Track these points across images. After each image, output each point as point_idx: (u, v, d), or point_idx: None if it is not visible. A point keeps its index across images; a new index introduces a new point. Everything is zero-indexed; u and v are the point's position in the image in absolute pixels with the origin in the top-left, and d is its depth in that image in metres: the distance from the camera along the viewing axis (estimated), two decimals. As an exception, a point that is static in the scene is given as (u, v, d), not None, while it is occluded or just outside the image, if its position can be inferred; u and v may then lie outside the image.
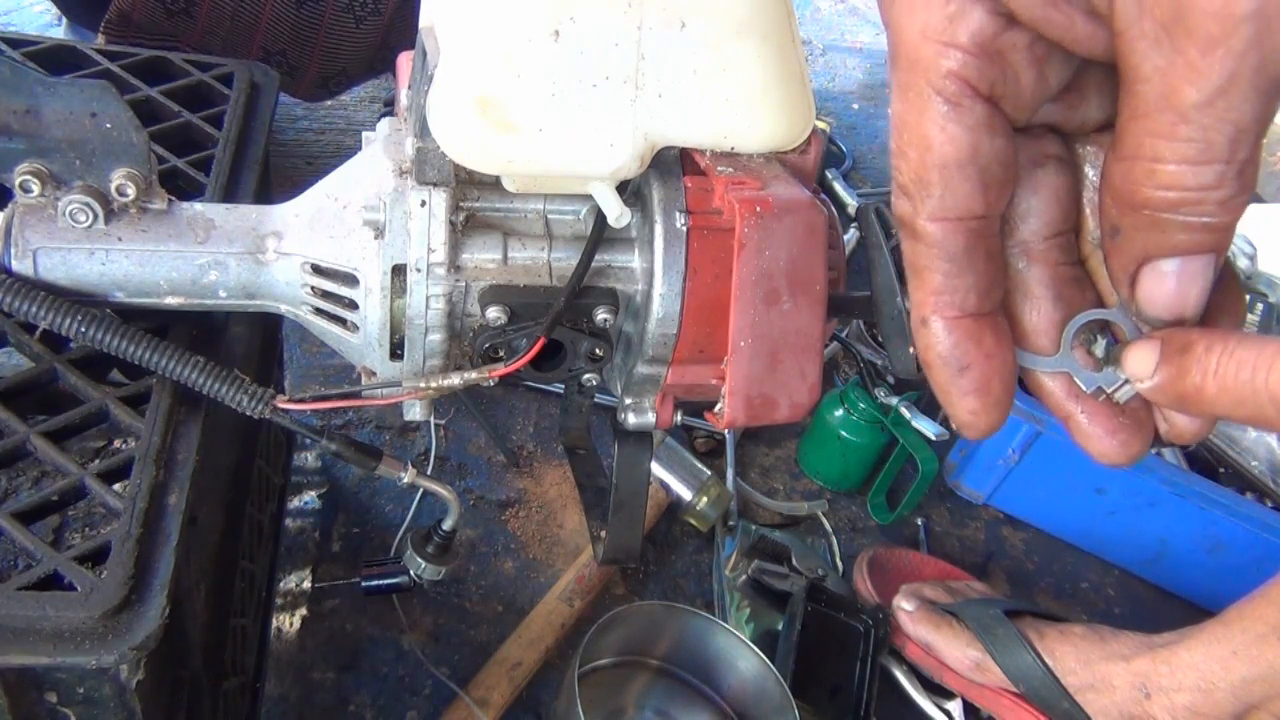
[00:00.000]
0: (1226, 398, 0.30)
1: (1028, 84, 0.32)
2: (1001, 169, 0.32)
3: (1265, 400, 0.28)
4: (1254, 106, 0.27)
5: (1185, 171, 0.28)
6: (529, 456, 1.25)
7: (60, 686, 0.50)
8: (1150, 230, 0.30)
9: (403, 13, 1.37)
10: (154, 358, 0.56)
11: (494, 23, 0.48)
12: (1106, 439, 0.35)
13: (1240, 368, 0.29)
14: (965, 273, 0.33)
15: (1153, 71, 0.27)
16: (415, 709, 0.98)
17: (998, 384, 0.34)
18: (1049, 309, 0.35)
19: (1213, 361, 0.30)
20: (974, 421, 0.34)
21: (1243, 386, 0.29)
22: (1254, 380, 0.29)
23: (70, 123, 0.55)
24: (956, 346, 0.33)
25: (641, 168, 0.52)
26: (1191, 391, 0.30)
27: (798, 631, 1.03)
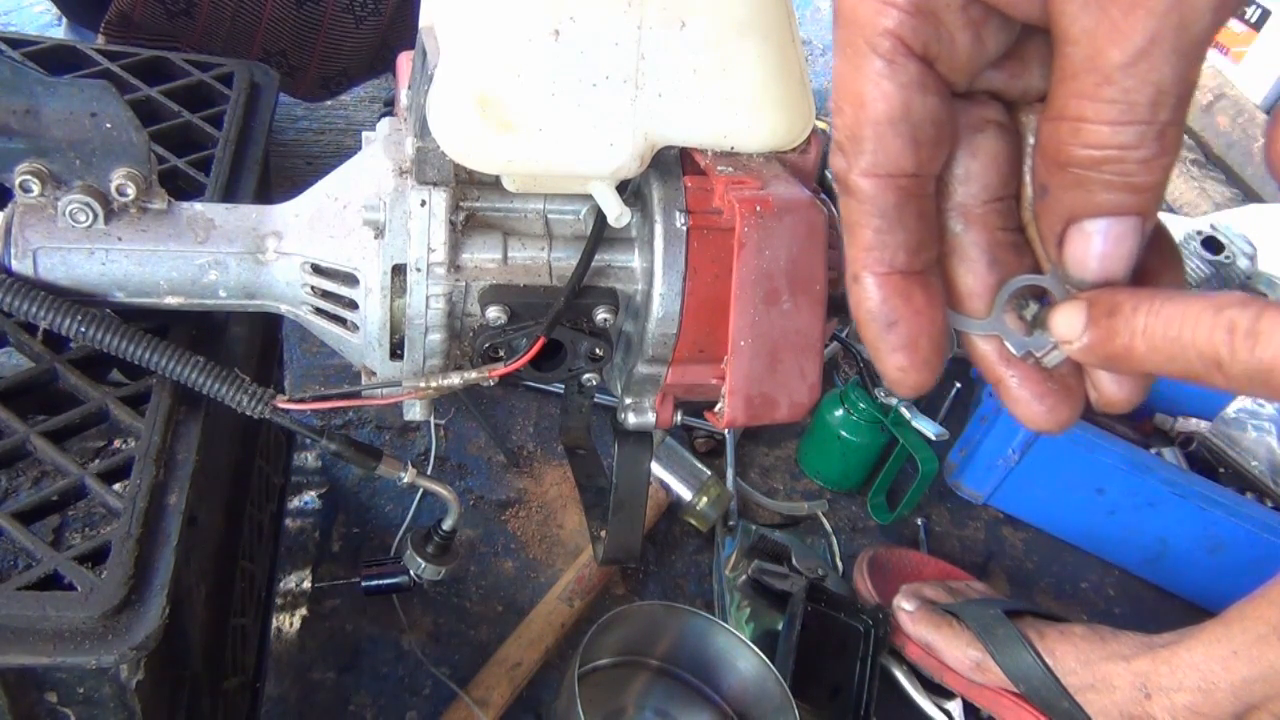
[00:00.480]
0: (1157, 356, 0.30)
1: (963, 46, 0.32)
2: (934, 128, 0.32)
3: (1193, 356, 0.29)
4: (1175, 68, 0.28)
5: (1107, 131, 0.29)
6: (529, 456, 1.25)
7: (60, 686, 0.50)
8: (1075, 189, 0.30)
9: (403, 13, 1.37)
10: (154, 358, 0.56)
11: (494, 22, 0.48)
12: (1034, 403, 0.35)
13: (1168, 325, 0.29)
14: (896, 229, 0.33)
15: (1080, 33, 0.28)
16: (415, 709, 0.98)
17: (925, 341, 0.34)
18: (984, 272, 0.35)
19: (1140, 320, 0.30)
20: (902, 379, 0.35)
21: (1171, 344, 0.29)
22: (1181, 336, 0.29)
23: (70, 123, 0.55)
24: (885, 302, 0.34)
25: (641, 167, 0.52)
26: (1121, 351, 0.31)
27: (798, 631, 1.03)
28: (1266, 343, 0.27)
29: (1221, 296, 0.29)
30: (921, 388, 0.35)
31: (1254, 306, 0.28)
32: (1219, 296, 0.29)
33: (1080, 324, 0.32)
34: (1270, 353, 0.27)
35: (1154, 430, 1.48)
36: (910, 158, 0.32)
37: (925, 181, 0.33)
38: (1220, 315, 0.28)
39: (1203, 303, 0.29)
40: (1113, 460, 1.26)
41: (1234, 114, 2.32)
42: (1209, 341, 0.28)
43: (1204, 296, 0.29)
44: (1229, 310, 0.28)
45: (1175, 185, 2.21)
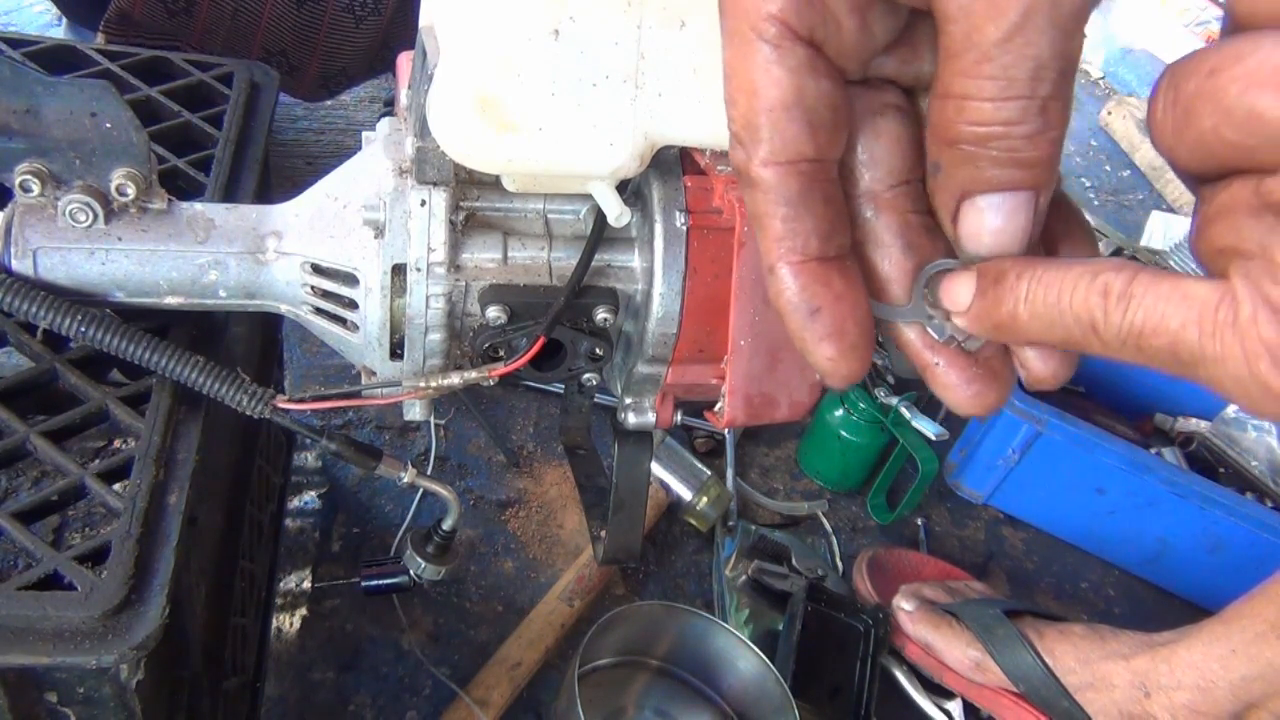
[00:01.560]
0: (1038, 323, 0.30)
1: (850, 31, 0.32)
2: (830, 112, 0.32)
3: (1071, 321, 0.29)
4: (1052, 42, 0.28)
5: (989, 107, 0.29)
6: (529, 456, 1.25)
7: (60, 686, 0.50)
8: (965, 166, 0.30)
9: (403, 13, 1.37)
10: (154, 358, 0.56)
11: (494, 22, 0.48)
12: (962, 388, 0.35)
13: (1048, 290, 0.29)
14: (804, 217, 0.33)
15: (957, 10, 0.28)
16: (415, 709, 0.98)
17: (852, 326, 0.33)
18: (899, 257, 0.35)
19: (1023, 287, 0.30)
20: (834, 369, 0.34)
21: (1050, 310, 0.29)
22: (1059, 302, 0.29)
23: (70, 123, 0.55)
24: (804, 290, 0.33)
25: (641, 167, 0.52)
26: (1006, 319, 0.31)
27: (798, 631, 1.03)
28: (1137, 305, 0.27)
29: (1099, 262, 0.29)
30: (853, 376, 0.34)
31: (1128, 270, 0.28)
32: (1097, 262, 0.29)
33: (968, 293, 0.32)
34: (1141, 315, 0.27)
35: (1154, 430, 1.48)
36: (808, 143, 0.32)
37: (827, 167, 0.33)
38: (1096, 280, 0.28)
39: (1081, 268, 0.29)
40: (1113, 460, 1.26)
41: (1234, 114, 2.32)
42: (1085, 305, 0.28)
43: (1084, 262, 0.29)
44: (1104, 274, 0.28)
45: (1175, 185, 2.21)
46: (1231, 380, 0.26)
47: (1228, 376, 0.26)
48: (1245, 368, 0.25)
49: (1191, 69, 0.26)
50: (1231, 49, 0.25)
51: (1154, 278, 0.27)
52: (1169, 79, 0.27)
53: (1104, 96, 2.58)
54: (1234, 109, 0.25)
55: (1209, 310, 0.26)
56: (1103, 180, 2.26)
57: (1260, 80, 0.24)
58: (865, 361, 0.34)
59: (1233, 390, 0.26)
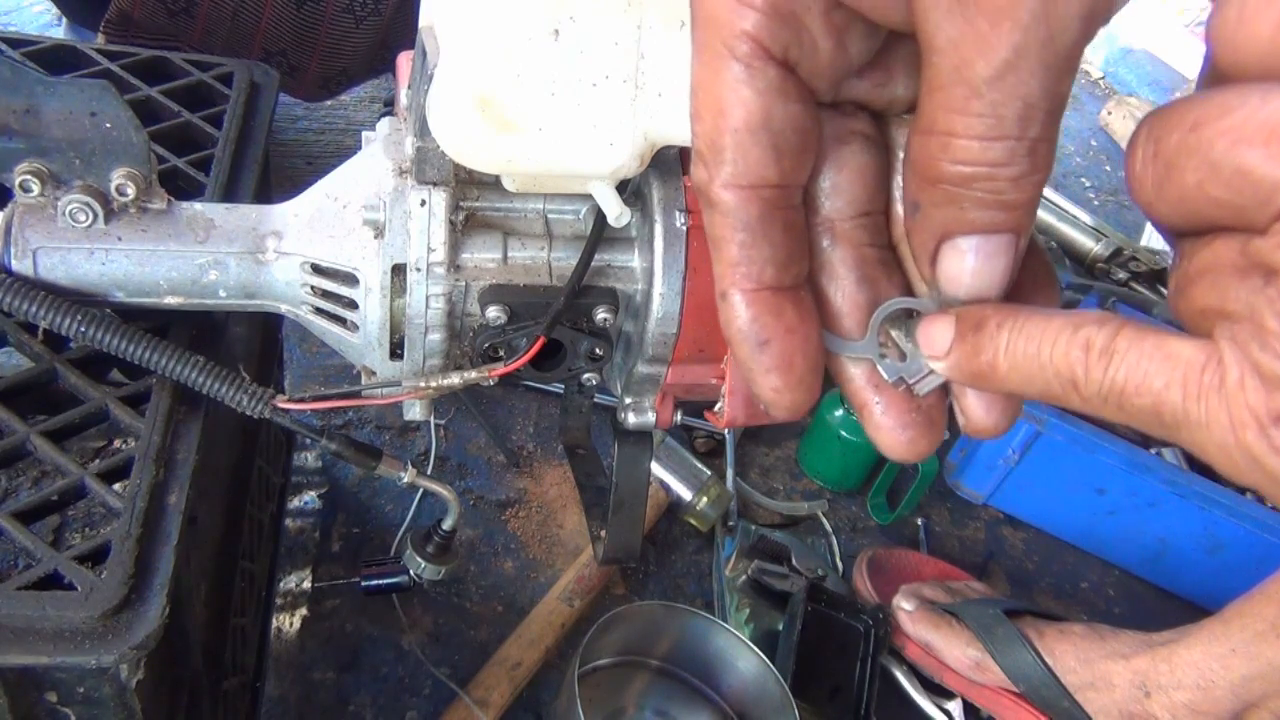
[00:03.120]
0: (1017, 375, 0.29)
1: (826, 52, 0.31)
2: (797, 137, 0.31)
3: (1050, 375, 0.28)
4: (1042, 82, 0.27)
5: (976, 147, 0.28)
6: (529, 456, 1.25)
7: (60, 686, 0.50)
8: (947, 206, 0.29)
9: (403, 13, 1.37)
10: (154, 357, 0.56)
11: (494, 22, 0.48)
12: (897, 432, 0.34)
13: (1028, 342, 0.29)
14: (761, 244, 0.32)
15: (946, 43, 0.27)
16: (415, 709, 0.98)
17: (800, 360, 0.33)
18: (853, 290, 0.34)
19: (1004, 337, 0.29)
20: (777, 400, 0.33)
21: (1030, 362, 0.29)
22: (1039, 355, 0.28)
23: (70, 122, 0.55)
24: (755, 320, 0.32)
25: (641, 167, 0.52)
26: (985, 369, 0.30)
27: (798, 631, 1.03)
28: (1120, 362, 0.26)
29: (1081, 314, 0.28)
30: (798, 408, 0.34)
31: (1111, 324, 0.27)
32: (1078, 314, 0.28)
33: (947, 339, 0.31)
34: (1124, 374, 0.26)
35: (1154, 430, 1.48)
36: (773, 168, 0.31)
37: (790, 193, 0.32)
38: (1077, 333, 0.27)
39: (1063, 320, 0.28)
40: (1113, 460, 1.26)
41: (1234, 114, 2.32)
42: (1065, 360, 0.28)
43: (1066, 314, 0.28)
44: (1086, 328, 0.27)
45: (1175, 185, 2.21)
46: (1216, 446, 0.25)
47: (1212, 442, 0.25)
48: (1231, 435, 0.25)
49: (1173, 121, 0.25)
50: (1216, 101, 0.24)
51: (1138, 333, 0.27)
52: (1148, 131, 0.26)
53: (1104, 96, 2.58)
54: (1220, 165, 0.24)
55: (1194, 372, 0.25)
56: (1103, 180, 2.26)
57: (1248, 136, 0.23)
58: (812, 394, 0.33)
59: (1216, 456, 0.25)
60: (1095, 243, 1.85)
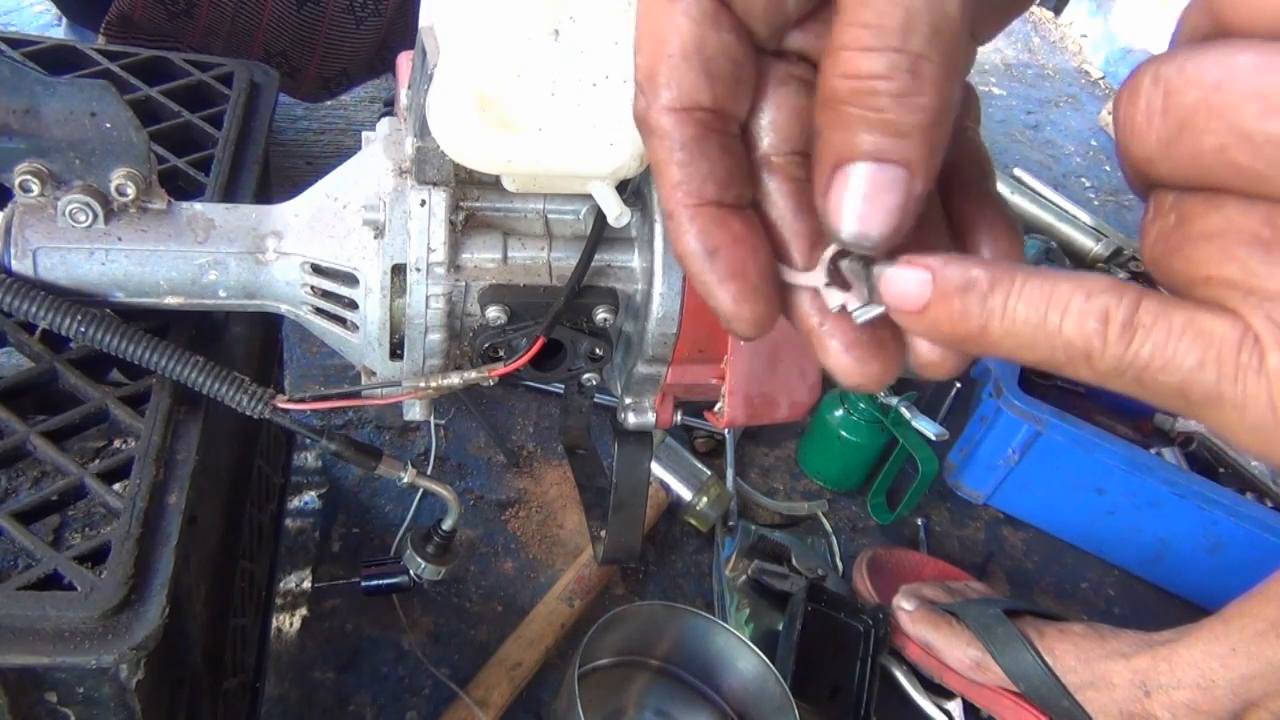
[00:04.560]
0: (1012, 341, 0.28)
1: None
2: (730, 64, 0.32)
3: (1058, 345, 0.27)
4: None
5: (860, 58, 0.28)
6: (529, 456, 1.25)
7: (60, 686, 0.50)
8: (840, 129, 0.29)
9: (403, 13, 1.37)
10: (154, 358, 0.56)
11: (494, 22, 0.48)
12: (843, 354, 0.33)
13: (1030, 308, 0.27)
14: (699, 161, 0.32)
15: None
16: (415, 709, 0.98)
17: (752, 267, 0.32)
18: (792, 219, 0.34)
19: (998, 300, 0.28)
20: (738, 312, 0.33)
21: (1033, 330, 0.27)
22: (1046, 323, 0.27)
23: (70, 123, 0.55)
24: (702, 232, 0.32)
25: (641, 167, 0.52)
26: (973, 333, 0.29)
27: (798, 631, 1.03)
28: (1144, 338, 0.26)
29: (1091, 280, 0.27)
30: (760, 321, 0.33)
31: (1130, 294, 0.26)
32: (1088, 279, 0.27)
33: (919, 294, 0.30)
34: (1149, 350, 0.25)
35: (1154, 430, 1.48)
36: (706, 91, 0.32)
37: (726, 120, 0.33)
38: (1092, 302, 0.26)
39: (1071, 284, 0.27)
40: (1113, 460, 1.26)
41: (1234, 114, 2.32)
42: (1079, 330, 0.26)
43: (1071, 277, 0.27)
44: (1101, 297, 0.26)
45: (1175, 185, 2.21)
46: (1249, 428, 0.24)
47: (1245, 424, 0.24)
48: (1271, 415, 0.24)
49: (1189, 76, 0.24)
50: (1242, 63, 0.23)
51: (1162, 306, 0.26)
52: (1153, 80, 0.25)
53: (1104, 96, 2.58)
54: (1252, 133, 0.23)
55: (1230, 351, 0.24)
56: (1103, 180, 2.26)
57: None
58: (772, 306, 0.33)
59: (1249, 438, 0.25)
60: (1095, 243, 1.85)
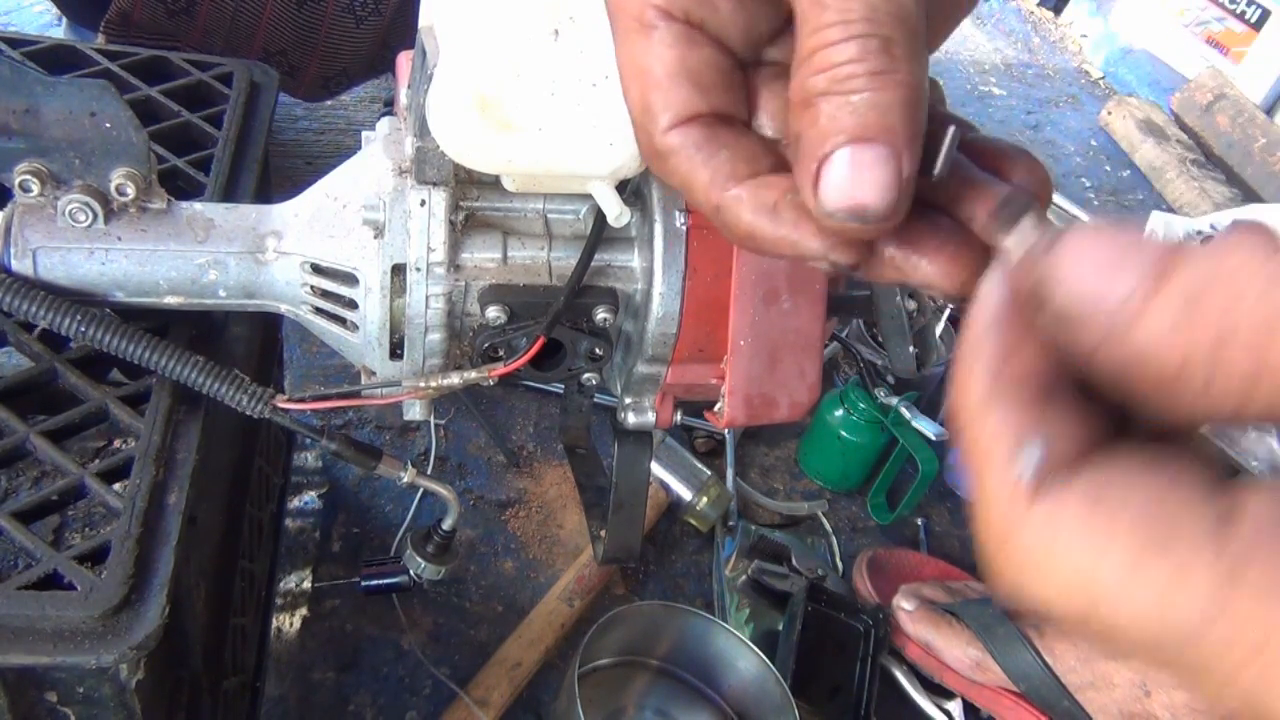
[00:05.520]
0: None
1: (728, 14, 0.32)
2: (715, 73, 0.33)
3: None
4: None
5: (831, 52, 0.28)
6: (529, 456, 1.25)
7: (60, 686, 0.50)
8: (818, 122, 0.29)
9: (403, 13, 1.37)
10: (154, 357, 0.56)
11: (494, 22, 0.48)
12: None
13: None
14: (719, 151, 0.32)
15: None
16: (415, 709, 0.98)
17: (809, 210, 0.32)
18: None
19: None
20: (831, 244, 0.32)
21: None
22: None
23: (70, 122, 0.55)
24: (754, 197, 0.32)
25: (641, 167, 0.52)
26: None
27: (798, 631, 1.03)
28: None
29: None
30: (865, 235, 0.31)
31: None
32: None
33: (1125, 288, 0.24)
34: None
35: (1154, 430, 1.48)
36: (700, 100, 0.32)
37: (728, 120, 0.33)
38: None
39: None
40: (1113, 460, 1.26)
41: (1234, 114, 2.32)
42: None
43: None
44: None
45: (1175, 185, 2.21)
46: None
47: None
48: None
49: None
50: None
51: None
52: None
53: (1104, 96, 2.58)
54: None
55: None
56: (1103, 180, 2.26)
57: None
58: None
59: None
60: (1095, 243, 1.85)
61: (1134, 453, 0.25)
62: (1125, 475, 0.24)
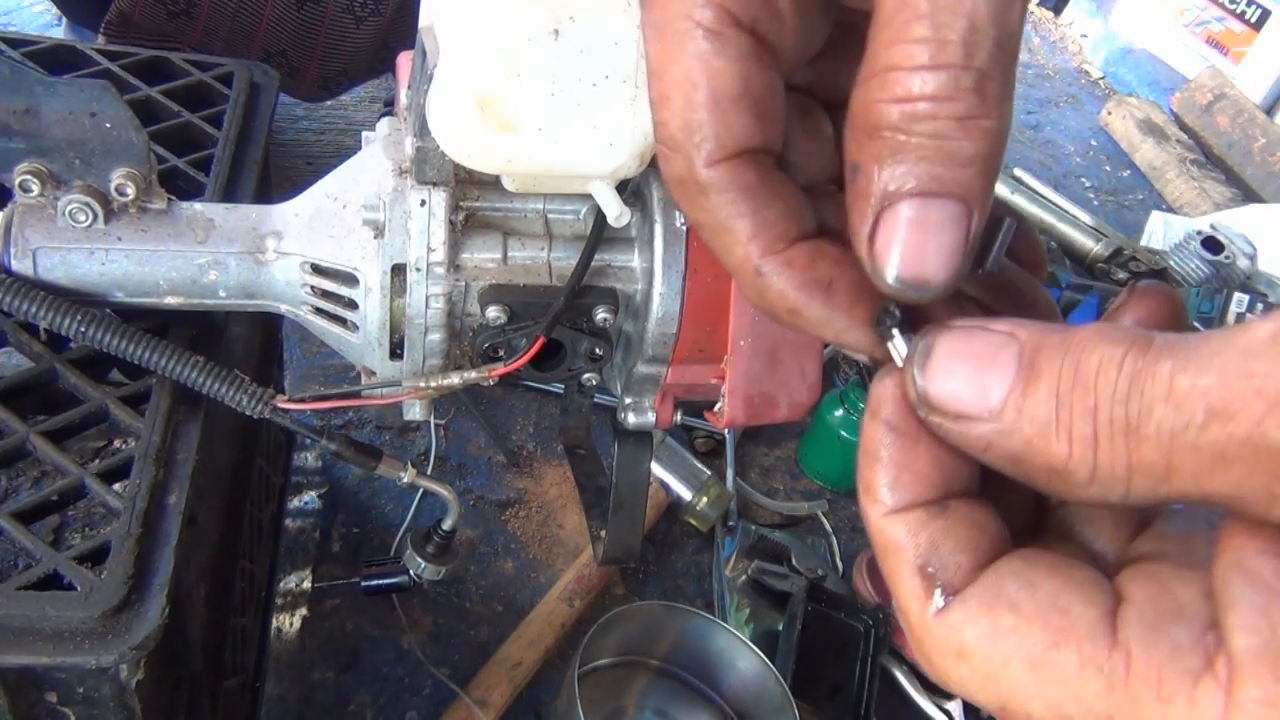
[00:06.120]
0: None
1: (792, 29, 0.28)
2: (776, 100, 0.28)
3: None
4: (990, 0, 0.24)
5: (916, 79, 0.24)
6: (529, 456, 1.25)
7: (60, 686, 0.50)
8: (889, 160, 0.25)
9: (403, 13, 1.37)
10: (154, 358, 0.56)
11: (494, 22, 0.48)
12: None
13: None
14: (772, 203, 0.28)
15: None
16: (415, 709, 0.98)
17: (866, 287, 0.28)
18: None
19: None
20: (873, 340, 0.29)
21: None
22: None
23: (70, 122, 0.55)
24: (805, 270, 0.28)
25: (641, 167, 0.52)
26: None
27: (798, 631, 1.03)
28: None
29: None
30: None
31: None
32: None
33: (1000, 390, 0.25)
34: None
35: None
36: (757, 131, 0.28)
37: (773, 158, 0.29)
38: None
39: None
40: (1113, 460, 1.26)
41: (1234, 114, 2.32)
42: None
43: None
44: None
45: (1175, 185, 2.21)
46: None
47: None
48: None
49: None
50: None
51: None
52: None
53: (1104, 96, 2.58)
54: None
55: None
56: (1103, 180, 2.26)
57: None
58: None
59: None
60: (1095, 243, 1.85)
61: (1029, 556, 0.26)
62: (1020, 580, 0.25)
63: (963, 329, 0.26)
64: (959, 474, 0.27)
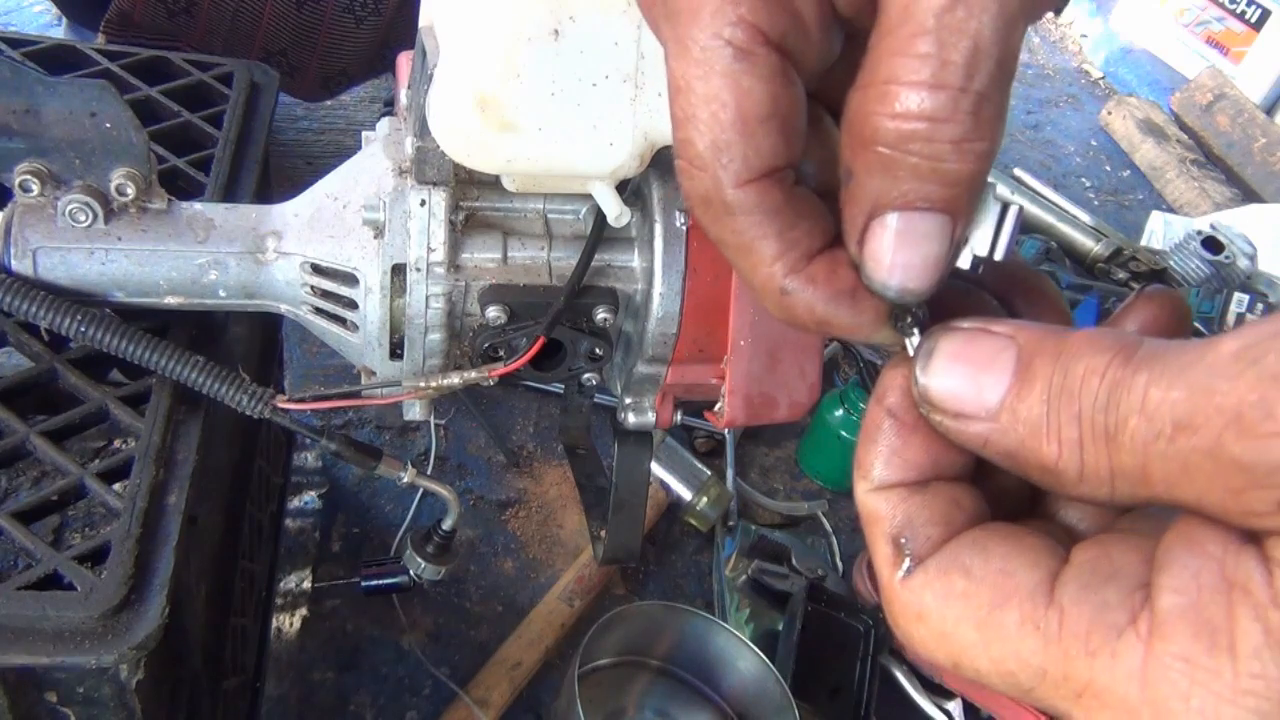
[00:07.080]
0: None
1: (816, 45, 0.29)
2: (800, 118, 0.29)
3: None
4: (994, 21, 0.24)
5: (914, 97, 0.25)
6: (529, 456, 1.25)
7: (60, 686, 0.50)
8: (880, 174, 0.26)
9: (403, 13, 1.37)
10: (154, 358, 0.56)
11: (494, 22, 0.48)
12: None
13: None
14: (799, 222, 0.29)
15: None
16: (415, 709, 0.98)
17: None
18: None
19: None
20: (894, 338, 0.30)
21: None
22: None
23: (70, 122, 0.55)
24: (832, 278, 0.29)
25: (641, 167, 0.52)
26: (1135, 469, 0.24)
27: (798, 631, 1.03)
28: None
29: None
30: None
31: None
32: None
33: (997, 393, 0.26)
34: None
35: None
36: (785, 150, 0.29)
37: (795, 171, 0.30)
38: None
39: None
40: (1113, 460, 1.26)
41: (1234, 114, 2.32)
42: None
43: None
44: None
45: (1175, 185, 2.21)
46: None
47: None
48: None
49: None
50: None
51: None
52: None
53: (1104, 96, 2.58)
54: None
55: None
56: (1103, 180, 2.26)
57: None
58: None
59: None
60: (1095, 243, 1.85)
61: (991, 528, 0.28)
62: (975, 548, 0.27)
63: (965, 330, 0.28)
64: (950, 464, 0.29)
